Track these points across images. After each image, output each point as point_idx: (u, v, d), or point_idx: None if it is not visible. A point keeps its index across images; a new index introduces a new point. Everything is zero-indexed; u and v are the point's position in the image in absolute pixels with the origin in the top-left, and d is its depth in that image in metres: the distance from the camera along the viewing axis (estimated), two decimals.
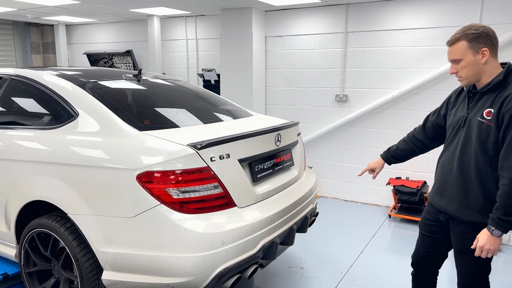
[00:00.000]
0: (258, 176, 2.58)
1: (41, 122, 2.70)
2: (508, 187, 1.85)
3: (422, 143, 2.41)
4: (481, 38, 1.94)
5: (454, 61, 2.02)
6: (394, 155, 2.51)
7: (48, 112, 2.71)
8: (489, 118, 1.92)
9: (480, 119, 1.96)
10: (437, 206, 2.20)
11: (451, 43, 2.02)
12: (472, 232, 2.01)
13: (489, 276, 2.17)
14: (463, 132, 2.05)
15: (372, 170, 2.59)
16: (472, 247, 1.97)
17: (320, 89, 5.49)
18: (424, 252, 2.34)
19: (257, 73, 5.62)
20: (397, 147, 2.51)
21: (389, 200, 5.22)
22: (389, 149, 2.55)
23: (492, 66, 1.98)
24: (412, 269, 2.45)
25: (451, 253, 2.31)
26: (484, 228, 1.94)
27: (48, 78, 2.78)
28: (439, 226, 2.24)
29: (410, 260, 2.47)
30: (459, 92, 2.23)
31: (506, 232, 1.90)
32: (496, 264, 3.72)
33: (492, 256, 2.05)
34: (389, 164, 2.56)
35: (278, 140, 2.75)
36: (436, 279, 2.43)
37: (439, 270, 2.42)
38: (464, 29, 1.98)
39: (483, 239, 1.91)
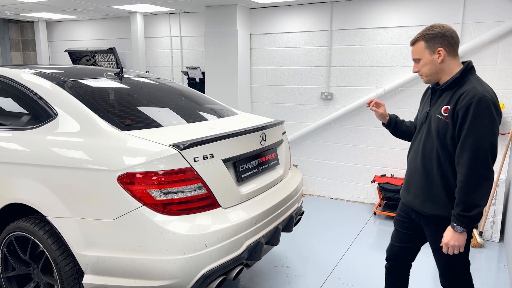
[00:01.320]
0: (243, 176, 2.55)
1: (19, 122, 2.62)
2: (464, 183, 1.90)
3: (410, 127, 2.43)
4: (437, 39, 2.01)
5: (415, 60, 2.11)
6: (398, 121, 2.43)
7: (26, 112, 2.63)
8: (446, 114, 1.99)
9: (439, 116, 2.04)
10: (405, 201, 2.26)
11: (411, 43, 2.11)
12: (443, 229, 2.04)
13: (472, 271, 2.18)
14: (425, 128, 2.13)
15: (379, 105, 2.41)
16: (441, 244, 2.03)
17: (305, 87, 5.48)
18: (399, 247, 2.40)
19: (242, 71, 5.58)
20: (404, 120, 2.45)
21: (374, 197, 5.25)
22: (397, 116, 2.47)
23: (451, 65, 2.04)
24: (386, 263, 2.50)
25: (424, 248, 2.36)
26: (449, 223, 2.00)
27: (26, 77, 2.69)
28: (412, 223, 2.29)
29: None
30: (426, 89, 2.32)
31: (467, 228, 1.95)
32: (479, 260, 3.77)
33: (469, 250, 2.09)
34: (388, 125, 2.44)
35: (263, 139, 2.72)
36: (409, 271, 2.50)
37: (412, 263, 2.48)
38: (423, 30, 2.07)
39: (447, 236, 1.98)
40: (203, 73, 5.96)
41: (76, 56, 7.22)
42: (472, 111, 1.88)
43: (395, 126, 2.45)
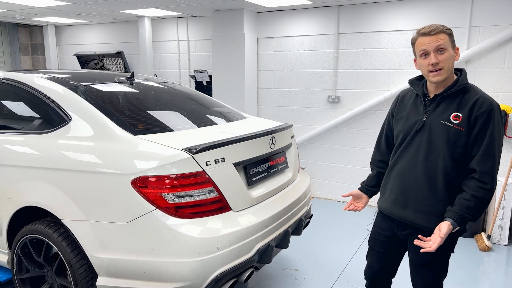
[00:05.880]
0: (253, 179, 2.58)
1: (32, 127, 2.66)
2: (487, 191, 1.82)
3: (386, 163, 2.24)
4: (453, 37, 1.92)
5: (439, 49, 1.86)
6: (369, 184, 2.35)
7: (39, 116, 2.67)
8: (458, 122, 1.86)
9: (446, 123, 1.89)
10: (399, 218, 2.06)
11: (435, 32, 1.86)
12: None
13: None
14: (424, 137, 1.95)
15: (354, 198, 2.38)
16: (440, 234, 1.81)
17: (312, 90, 5.51)
18: (379, 268, 2.28)
19: (249, 75, 5.62)
20: (368, 176, 2.37)
21: None
22: (362, 182, 2.40)
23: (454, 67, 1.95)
24: (366, 282, 2.42)
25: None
26: (448, 234, 1.83)
27: (39, 81, 2.74)
28: (392, 241, 2.17)
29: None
30: (401, 97, 2.15)
31: (460, 228, 1.85)
32: (487, 263, 3.77)
33: (448, 261, 2.05)
34: (370, 195, 2.36)
35: (272, 143, 2.75)
36: (390, 287, 2.42)
37: (393, 279, 2.39)
38: (439, 25, 1.89)
39: (445, 230, 1.79)
40: (210, 76, 6.00)
41: (84, 60, 7.29)
42: (494, 119, 1.82)
43: (373, 188, 2.33)
